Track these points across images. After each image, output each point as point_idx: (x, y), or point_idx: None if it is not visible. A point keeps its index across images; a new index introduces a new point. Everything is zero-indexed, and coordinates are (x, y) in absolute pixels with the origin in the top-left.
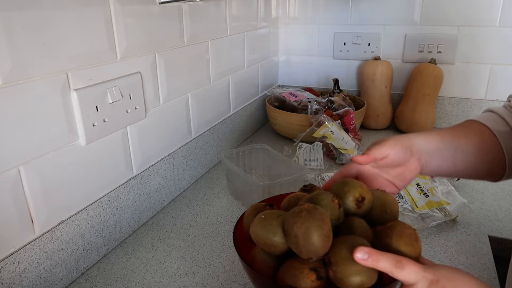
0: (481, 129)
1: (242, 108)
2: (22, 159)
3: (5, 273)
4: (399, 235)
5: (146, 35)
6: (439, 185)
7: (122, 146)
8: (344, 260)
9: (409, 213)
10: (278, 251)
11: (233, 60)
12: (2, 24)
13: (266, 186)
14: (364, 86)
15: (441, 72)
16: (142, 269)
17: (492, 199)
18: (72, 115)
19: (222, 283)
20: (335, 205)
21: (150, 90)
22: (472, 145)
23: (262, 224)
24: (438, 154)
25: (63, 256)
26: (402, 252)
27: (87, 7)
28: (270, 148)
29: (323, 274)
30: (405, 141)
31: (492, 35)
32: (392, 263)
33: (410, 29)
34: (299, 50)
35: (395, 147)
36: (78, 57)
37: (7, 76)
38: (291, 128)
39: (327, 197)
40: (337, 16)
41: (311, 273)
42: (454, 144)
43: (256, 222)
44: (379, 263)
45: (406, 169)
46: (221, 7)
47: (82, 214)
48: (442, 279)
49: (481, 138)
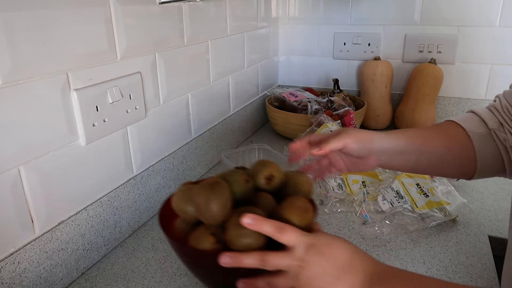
0: (456, 131)
1: (242, 108)
2: (22, 159)
3: (5, 273)
4: (289, 207)
5: (146, 35)
6: (439, 185)
7: (122, 146)
8: (235, 225)
9: (409, 213)
10: (191, 219)
11: (233, 60)
12: (2, 24)
13: None
14: (364, 86)
15: (441, 72)
16: (142, 269)
17: (492, 199)
18: (72, 115)
19: None
20: (242, 181)
21: (150, 90)
22: (440, 148)
23: (179, 196)
24: (402, 155)
25: (63, 256)
26: (290, 221)
27: (87, 7)
28: (270, 148)
29: (221, 238)
30: (364, 141)
31: (492, 35)
32: (274, 228)
33: (410, 29)
34: (299, 50)
35: (351, 145)
36: (78, 57)
37: (7, 76)
38: (291, 128)
39: (237, 174)
40: (337, 16)
41: (211, 237)
42: (420, 147)
43: (176, 195)
44: (263, 228)
45: (361, 162)
46: (221, 7)
47: (82, 214)
48: (318, 243)
49: (453, 140)
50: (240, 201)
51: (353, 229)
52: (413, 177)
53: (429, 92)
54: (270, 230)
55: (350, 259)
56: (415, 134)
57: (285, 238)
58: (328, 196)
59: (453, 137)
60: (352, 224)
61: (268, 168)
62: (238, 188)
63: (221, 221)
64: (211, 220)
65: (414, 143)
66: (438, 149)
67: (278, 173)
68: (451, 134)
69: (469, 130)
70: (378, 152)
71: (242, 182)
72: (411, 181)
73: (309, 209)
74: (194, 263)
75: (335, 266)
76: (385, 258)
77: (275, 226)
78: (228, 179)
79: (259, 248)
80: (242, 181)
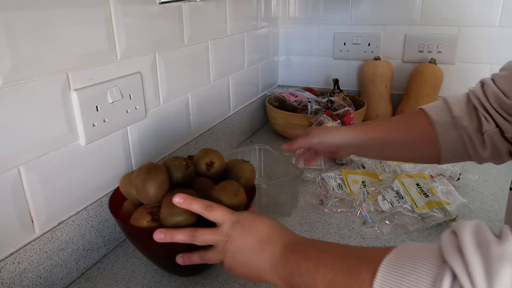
0: (420, 120)
1: (242, 108)
2: (22, 159)
3: (5, 273)
4: (221, 189)
5: (146, 35)
6: (439, 185)
7: (122, 146)
8: (168, 204)
9: (409, 213)
10: (135, 200)
11: (233, 60)
12: (2, 24)
13: (265, 186)
14: (364, 86)
15: (441, 72)
16: (142, 269)
17: (492, 199)
18: (72, 115)
19: (222, 283)
20: (182, 166)
21: (150, 90)
22: (402, 139)
23: (124, 179)
24: (366, 148)
25: (63, 256)
26: (220, 201)
27: (87, 7)
28: (270, 148)
29: (157, 217)
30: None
31: (492, 35)
32: (203, 207)
33: (410, 29)
34: (299, 50)
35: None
36: (78, 57)
37: (7, 76)
38: (291, 128)
39: (178, 160)
40: (337, 16)
41: (148, 215)
42: (383, 139)
43: (122, 178)
44: (192, 206)
45: (334, 154)
46: (221, 7)
47: (82, 214)
48: (242, 220)
49: (416, 130)
50: (181, 184)
51: (353, 229)
52: (413, 177)
53: (429, 92)
54: (199, 208)
55: (270, 232)
56: (379, 127)
57: (213, 216)
58: (328, 196)
59: (417, 127)
60: (352, 224)
61: (209, 155)
62: (179, 172)
63: (157, 201)
64: (147, 200)
65: (378, 136)
66: (400, 140)
67: (219, 160)
68: (415, 123)
69: (434, 118)
70: (344, 146)
71: (181, 167)
72: (411, 181)
73: (239, 192)
74: (135, 241)
75: (256, 239)
76: None
77: (204, 204)
78: (169, 164)
79: (190, 226)
80: (182, 166)
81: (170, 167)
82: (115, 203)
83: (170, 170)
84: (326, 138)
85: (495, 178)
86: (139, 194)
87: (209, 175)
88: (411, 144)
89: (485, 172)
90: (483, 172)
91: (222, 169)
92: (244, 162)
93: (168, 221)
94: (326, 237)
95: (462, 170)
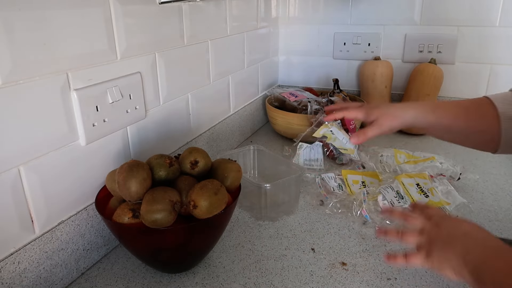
0: (486, 111)
1: (242, 108)
2: (22, 159)
3: (5, 273)
4: (201, 188)
5: (146, 35)
6: (439, 185)
7: (122, 146)
8: (148, 201)
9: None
10: (119, 197)
11: (233, 60)
12: (2, 24)
13: (264, 186)
14: (364, 86)
15: (441, 72)
16: (142, 269)
17: (492, 199)
18: (72, 115)
19: (222, 283)
20: (166, 164)
21: (150, 90)
22: (468, 128)
23: (109, 176)
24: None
25: (63, 256)
26: (199, 200)
27: (87, 7)
28: (264, 148)
29: (138, 213)
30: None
31: (492, 35)
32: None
33: (410, 29)
34: (299, 50)
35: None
36: (78, 57)
37: (7, 76)
38: (291, 128)
39: (162, 158)
40: (337, 16)
41: (129, 212)
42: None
43: (108, 175)
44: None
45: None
46: (221, 7)
47: (82, 214)
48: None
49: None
50: (165, 182)
51: (353, 229)
52: (413, 177)
53: (429, 92)
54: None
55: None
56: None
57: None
58: (328, 196)
59: (482, 118)
60: (352, 224)
61: (193, 154)
62: (162, 170)
63: (138, 198)
64: (129, 197)
65: (442, 122)
66: (464, 129)
67: (203, 159)
68: (481, 114)
69: (501, 110)
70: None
71: (165, 165)
72: (411, 181)
73: (220, 191)
74: (117, 236)
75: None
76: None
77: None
78: (152, 162)
79: (169, 223)
80: (166, 164)
81: (154, 165)
82: (102, 200)
83: (153, 168)
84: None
85: (495, 178)
86: (120, 191)
87: (194, 174)
88: (473, 134)
89: (485, 172)
90: (483, 172)
91: (207, 168)
92: (230, 161)
93: (147, 218)
94: (326, 237)
95: (463, 170)
